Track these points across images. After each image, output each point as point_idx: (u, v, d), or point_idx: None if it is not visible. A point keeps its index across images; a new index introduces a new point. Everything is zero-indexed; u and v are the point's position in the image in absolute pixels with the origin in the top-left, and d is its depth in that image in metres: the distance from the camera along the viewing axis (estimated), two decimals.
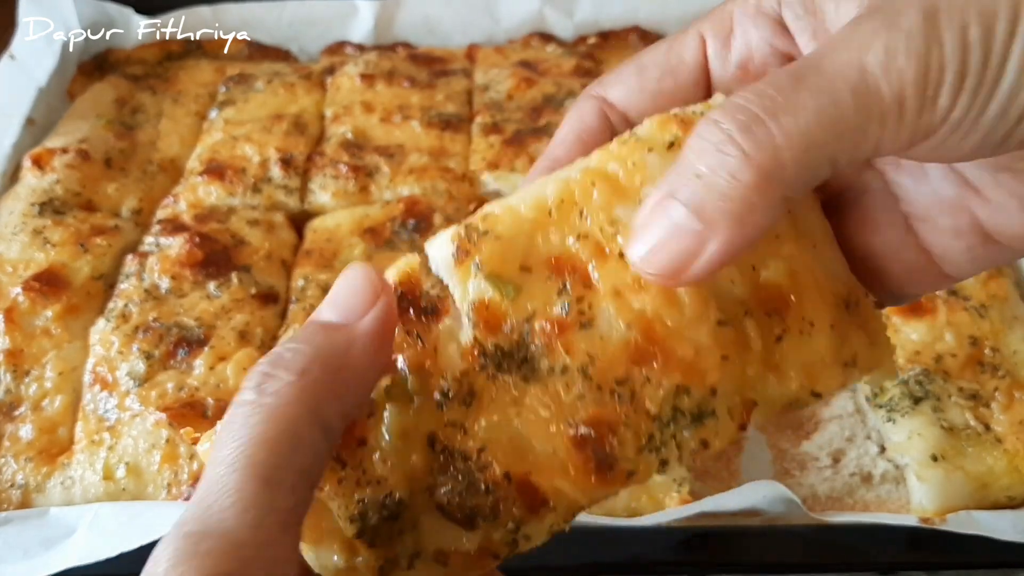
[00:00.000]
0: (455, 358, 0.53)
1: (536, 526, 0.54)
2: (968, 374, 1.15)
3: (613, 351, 0.53)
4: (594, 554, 0.99)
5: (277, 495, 0.44)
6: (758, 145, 0.46)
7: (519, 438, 0.53)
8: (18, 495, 1.09)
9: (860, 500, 1.12)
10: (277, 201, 1.46)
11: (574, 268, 0.54)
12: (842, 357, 0.56)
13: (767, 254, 0.55)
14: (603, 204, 0.54)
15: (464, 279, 0.54)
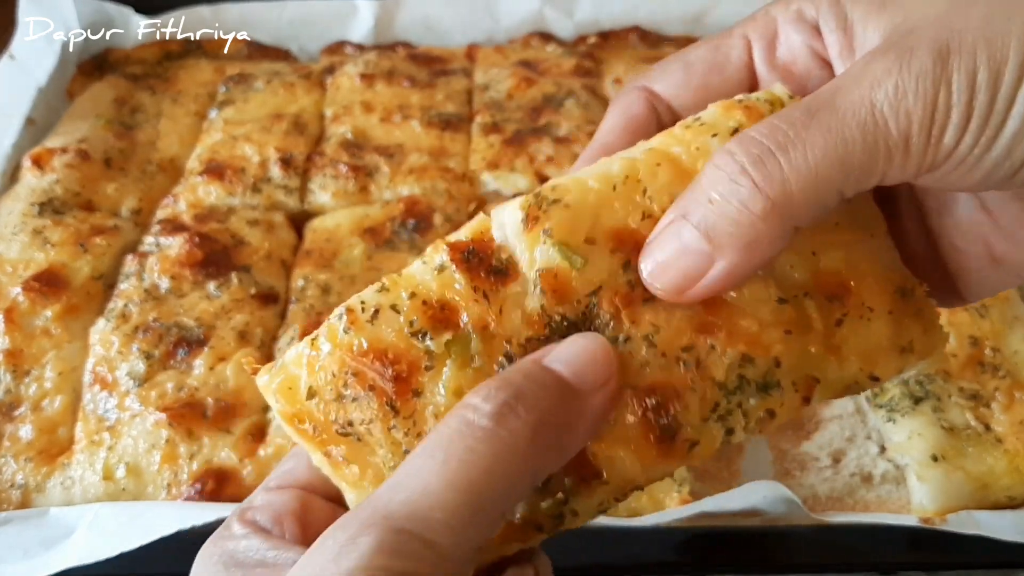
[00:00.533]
0: (519, 324, 0.54)
1: (586, 500, 0.54)
2: (968, 374, 1.15)
3: (677, 323, 0.54)
4: (594, 554, 0.99)
5: (480, 529, 0.46)
6: (768, 178, 0.49)
7: None
8: (18, 495, 1.09)
9: (860, 500, 1.12)
10: (277, 201, 1.46)
11: (636, 245, 0.55)
12: (899, 343, 0.58)
13: (827, 242, 0.58)
14: (666, 184, 0.56)
15: (533, 245, 0.55)
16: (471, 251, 0.56)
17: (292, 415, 0.56)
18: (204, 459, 1.09)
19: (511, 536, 0.54)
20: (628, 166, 0.57)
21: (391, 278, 0.57)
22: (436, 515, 0.45)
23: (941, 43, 0.49)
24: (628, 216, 0.56)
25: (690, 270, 0.52)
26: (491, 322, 0.55)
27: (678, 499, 1.05)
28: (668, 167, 0.57)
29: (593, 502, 0.54)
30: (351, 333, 0.55)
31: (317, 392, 0.55)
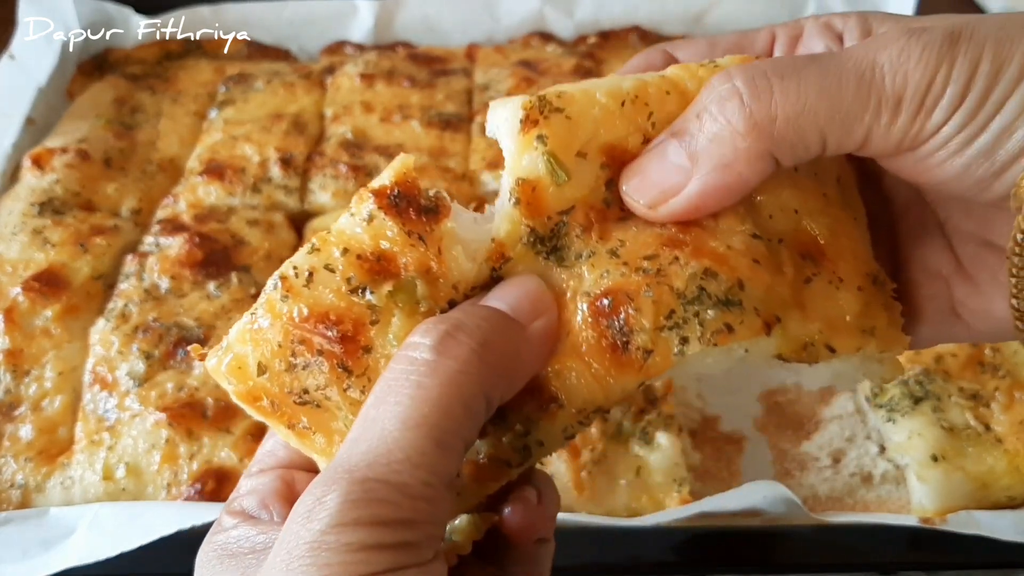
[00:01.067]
0: (462, 260, 0.53)
1: (548, 428, 0.53)
2: (968, 374, 1.15)
3: (645, 239, 0.54)
4: (594, 555, 0.99)
5: (446, 459, 0.45)
6: (757, 97, 0.51)
7: None
8: (18, 495, 1.09)
9: (860, 500, 1.12)
10: (277, 201, 1.46)
11: (619, 157, 0.55)
12: (863, 323, 0.57)
13: (812, 209, 0.58)
14: (672, 113, 0.56)
15: (522, 150, 0.54)
16: (397, 194, 0.54)
17: (247, 394, 0.55)
18: (204, 459, 1.09)
19: (483, 476, 0.53)
20: (639, 87, 0.57)
21: (320, 237, 0.55)
22: (397, 456, 0.44)
23: (954, 29, 0.50)
24: (628, 136, 0.56)
25: (667, 185, 0.53)
26: (433, 264, 0.53)
27: (678, 499, 1.05)
28: (677, 97, 0.57)
29: (556, 429, 0.53)
30: (289, 300, 0.54)
31: (267, 366, 0.54)
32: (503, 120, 0.56)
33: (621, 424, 1.12)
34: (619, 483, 1.07)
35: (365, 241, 0.54)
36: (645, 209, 0.54)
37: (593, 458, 1.08)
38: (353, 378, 0.53)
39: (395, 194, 0.54)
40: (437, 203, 0.54)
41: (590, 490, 1.06)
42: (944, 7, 1.90)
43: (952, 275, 0.62)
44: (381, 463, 0.44)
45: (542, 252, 0.54)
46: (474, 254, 0.54)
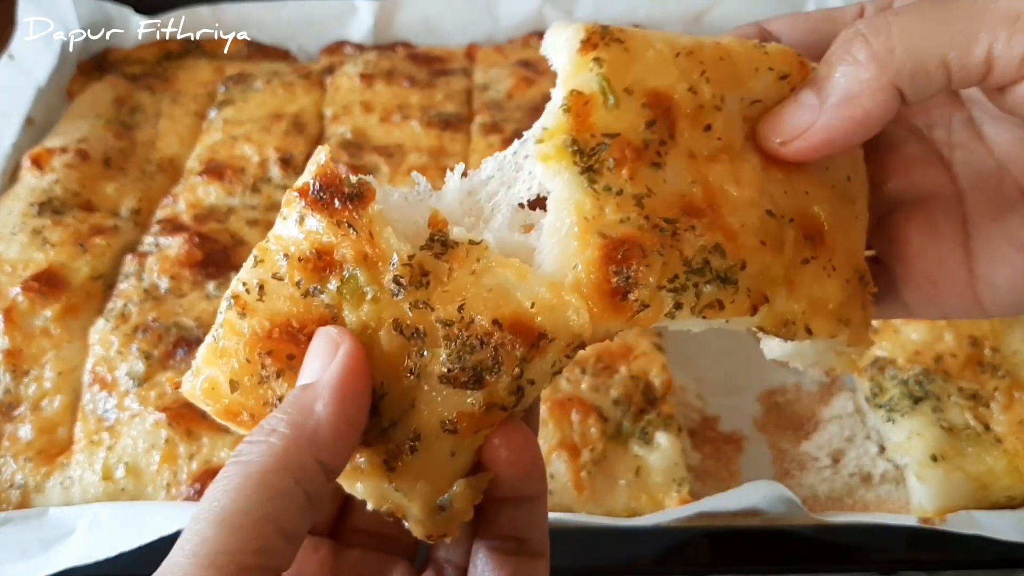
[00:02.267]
0: (394, 241, 0.54)
1: (539, 365, 0.54)
2: (968, 374, 1.15)
3: (670, 194, 0.56)
4: (594, 555, 0.99)
5: (236, 537, 0.46)
6: (875, 32, 0.54)
7: (497, 285, 0.53)
8: (17, 495, 1.09)
9: (860, 500, 1.12)
10: (276, 201, 1.46)
11: (668, 112, 0.57)
12: (842, 313, 0.60)
13: (821, 196, 0.60)
14: (719, 78, 0.59)
15: (578, 69, 0.56)
16: (319, 188, 0.55)
17: (225, 411, 0.56)
18: (203, 459, 1.09)
19: (479, 424, 0.54)
20: (696, 44, 0.59)
21: (260, 247, 0.56)
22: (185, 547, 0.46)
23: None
24: (676, 83, 0.58)
25: (798, 123, 0.57)
26: (367, 249, 0.54)
27: (678, 499, 1.05)
28: (727, 67, 0.59)
29: (546, 364, 0.54)
30: (247, 317, 0.55)
31: (238, 382, 0.55)
32: (563, 39, 0.58)
33: (621, 424, 1.12)
34: (619, 483, 1.07)
35: (302, 242, 0.55)
36: (777, 146, 0.58)
37: (593, 458, 1.08)
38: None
39: (317, 189, 0.55)
40: (361, 189, 0.55)
41: (590, 490, 1.06)
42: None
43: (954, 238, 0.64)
44: (171, 562, 0.46)
45: (579, 165, 0.55)
46: (408, 230, 0.55)
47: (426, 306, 0.53)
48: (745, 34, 0.66)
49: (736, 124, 0.59)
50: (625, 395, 1.14)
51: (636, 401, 1.13)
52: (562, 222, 0.54)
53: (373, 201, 0.54)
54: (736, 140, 0.59)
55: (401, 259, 0.54)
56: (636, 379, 1.15)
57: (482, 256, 0.54)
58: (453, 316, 0.53)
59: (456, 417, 0.53)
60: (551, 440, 1.08)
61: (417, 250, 0.54)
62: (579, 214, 0.54)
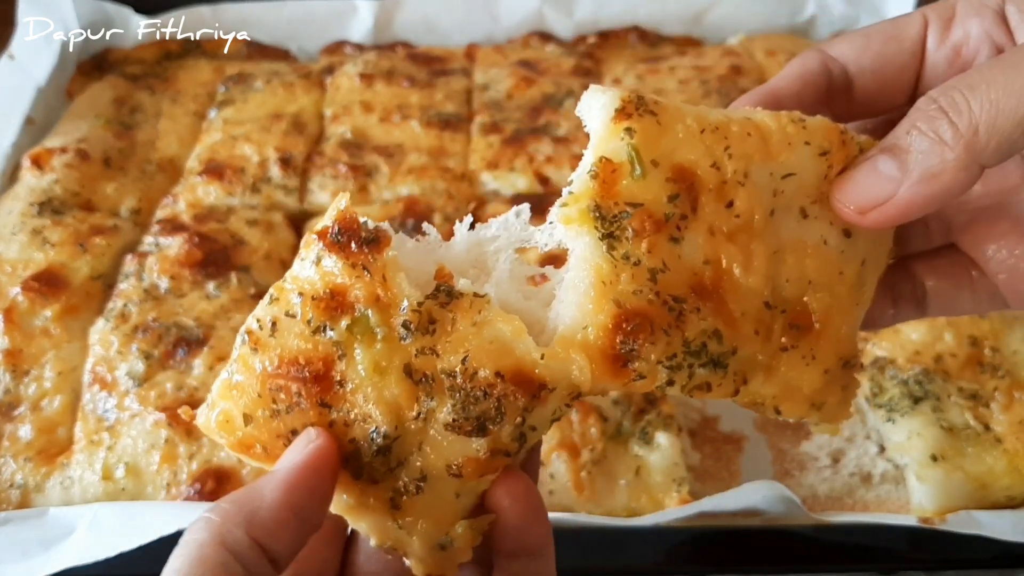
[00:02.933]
0: (405, 286, 0.56)
1: (540, 413, 0.56)
2: (968, 374, 1.15)
3: (684, 270, 0.58)
4: (594, 555, 0.99)
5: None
6: (958, 112, 0.54)
7: (497, 338, 0.56)
8: (17, 495, 1.09)
9: (860, 500, 1.12)
10: (276, 201, 1.46)
11: (691, 188, 0.58)
12: (816, 399, 0.63)
13: (826, 284, 0.62)
14: (747, 153, 0.59)
15: (611, 135, 0.58)
16: (338, 231, 0.57)
17: (239, 444, 0.59)
18: (203, 459, 1.09)
19: (484, 469, 0.56)
20: (723, 122, 0.60)
21: (277, 286, 0.58)
22: None
23: None
24: (700, 160, 0.59)
25: (877, 193, 0.58)
26: (380, 292, 0.56)
27: (677, 499, 1.05)
28: (757, 141, 0.60)
29: (547, 412, 0.57)
30: (259, 353, 0.57)
31: (251, 416, 0.58)
32: (600, 105, 0.59)
33: (621, 424, 1.12)
34: (619, 483, 1.07)
35: (317, 282, 0.57)
36: (855, 215, 0.59)
37: (593, 458, 1.08)
38: (335, 411, 0.56)
39: (336, 232, 0.57)
40: (377, 235, 0.57)
41: (590, 490, 1.06)
42: None
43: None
44: None
45: (600, 231, 0.57)
46: (419, 277, 0.57)
47: (432, 352, 0.56)
48: (807, 58, 0.66)
49: (762, 199, 0.60)
50: (625, 395, 1.14)
51: (636, 401, 1.13)
52: (581, 281, 0.57)
53: (389, 247, 0.57)
54: (760, 216, 0.60)
55: (411, 305, 0.56)
56: None
57: (483, 308, 0.56)
58: (457, 367, 0.55)
59: (462, 462, 0.56)
60: (551, 440, 1.08)
61: (425, 298, 0.56)
62: (597, 277, 0.56)
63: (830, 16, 1.88)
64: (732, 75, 1.68)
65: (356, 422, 0.56)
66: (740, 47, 1.80)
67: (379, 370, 0.56)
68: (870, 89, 0.66)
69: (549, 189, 1.46)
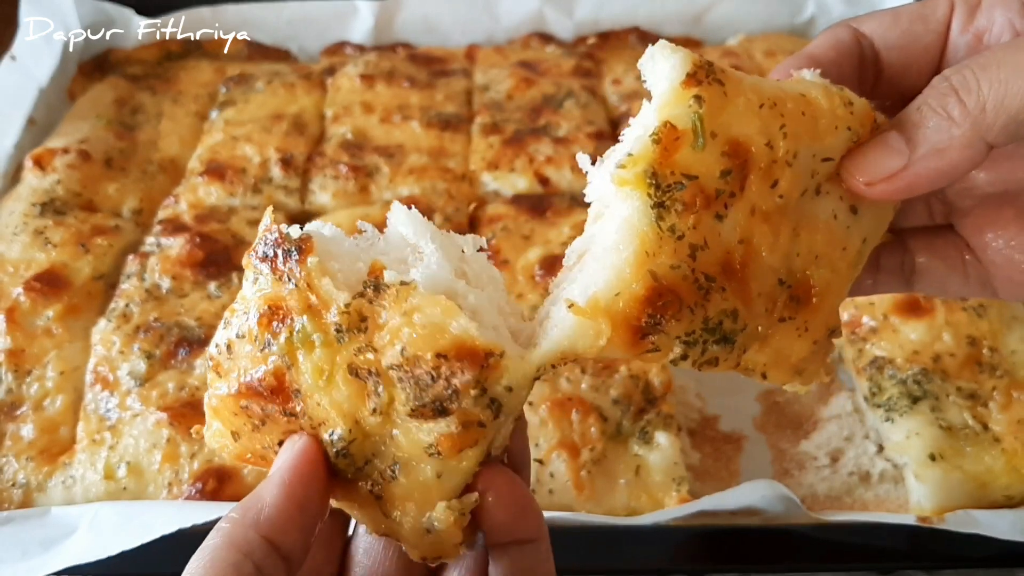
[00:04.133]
0: (331, 289, 0.57)
1: (499, 377, 0.55)
2: (966, 374, 1.15)
3: (719, 249, 0.57)
4: (594, 554, 0.99)
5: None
6: (968, 91, 0.56)
7: (429, 322, 0.55)
8: (19, 494, 1.10)
9: (859, 499, 1.12)
10: (277, 201, 1.46)
11: (743, 165, 0.58)
12: (800, 366, 0.63)
13: (828, 260, 0.62)
14: (797, 133, 0.59)
15: (677, 101, 0.56)
16: (264, 247, 0.58)
17: (237, 456, 0.62)
18: (205, 458, 1.09)
19: (462, 444, 0.56)
20: (781, 95, 0.59)
21: (229, 309, 0.60)
22: None
23: None
24: (755, 136, 0.58)
25: (885, 166, 0.59)
26: (311, 298, 0.57)
27: (677, 498, 1.05)
28: (809, 122, 0.60)
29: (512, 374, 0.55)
30: (223, 377, 0.60)
31: (238, 432, 0.60)
32: (670, 65, 0.57)
33: (621, 424, 1.12)
34: (619, 483, 1.07)
35: (257, 299, 0.59)
36: (863, 187, 0.60)
37: (593, 458, 1.08)
38: (299, 420, 0.58)
39: (263, 247, 0.59)
40: (301, 243, 0.58)
41: (590, 489, 1.06)
42: None
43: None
44: None
45: (652, 198, 0.55)
46: (353, 276, 0.58)
47: (371, 349, 0.56)
48: (839, 37, 0.67)
49: (801, 180, 0.60)
50: (625, 395, 1.14)
51: (636, 401, 1.14)
52: (623, 247, 0.55)
53: (312, 254, 0.57)
54: (795, 198, 0.60)
55: (338, 307, 0.56)
56: (636, 379, 1.15)
57: (411, 295, 0.56)
58: (399, 358, 0.55)
59: (437, 440, 0.56)
60: (551, 440, 1.09)
61: (352, 297, 0.56)
62: (641, 246, 0.55)
63: (829, 17, 1.88)
64: None
65: (320, 427, 0.57)
66: (739, 48, 1.81)
67: (322, 375, 0.56)
68: (896, 66, 0.66)
69: (549, 189, 1.47)
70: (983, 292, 0.69)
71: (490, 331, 0.56)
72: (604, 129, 1.58)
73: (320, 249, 0.57)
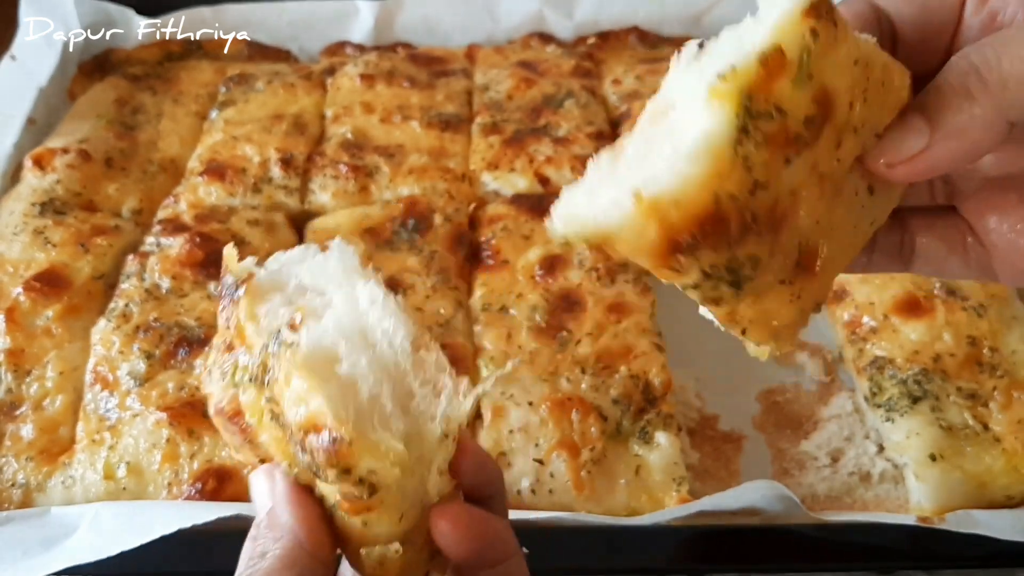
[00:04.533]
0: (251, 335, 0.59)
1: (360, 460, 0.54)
2: (967, 374, 1.15)
3: (775, 194, 0.55)
4: (593, 554, 0.99)
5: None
6: (988, 68, 0.56)
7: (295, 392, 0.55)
8: (19, 494, 1.09)
9: (859, 499, 1.12)
10: (277, 201, 1.46)
11: (825, 117, 0.55)
12: (779, 330, 0.62)
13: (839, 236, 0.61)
14: (875, 103, 0.58)
15: (794, 28, 0.53)
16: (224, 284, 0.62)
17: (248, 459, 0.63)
18: (205, 458, 1.09)
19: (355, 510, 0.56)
20: (873, 56, 0.57)
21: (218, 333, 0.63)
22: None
23: None
24: (843, 92, 0.55)
25: (905, 147, 0.58)
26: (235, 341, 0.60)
27: (677, 498, 1.05)
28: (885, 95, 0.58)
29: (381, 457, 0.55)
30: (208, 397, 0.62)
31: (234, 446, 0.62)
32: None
33: (620, 424, 1.12)
34: (618, 482, 1.07)
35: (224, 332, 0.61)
36: (884, 168, 0.59)
37: (592, 457, 1.08)
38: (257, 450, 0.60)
39: (222, 284, 0.62)
40: (240, 283, 0.61)
41: (589, 489, 1.06)
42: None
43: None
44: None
45: (741, 118, 0.52)
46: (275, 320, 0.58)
47: (273, 402, 0.56)
48: (856, 8, 0.64)
49: (856, 150, 0.59)
50: (625, 394, 1.14)
51: (636, 400, 1.14)
52: (699, 159, 0.52)
53: (247, 295, 0.60)
54: (846, 166, 0.59)
55: (252, 355, 0.58)
56: (636, 378, 1.15)
57: (293, 358, 0.55)
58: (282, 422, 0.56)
59: (337, 501, 0.56)
60: (551, 440, 1.09)
61: (262, 347, 0.57)
62: (715, 165, 0.52)
63: None
64: None
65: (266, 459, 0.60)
66: None
67: (255, 414, 0.58)
68: (911, 43, 0.64)
69: (549, 189, 1.47)
70: (983, 276, 0.68)
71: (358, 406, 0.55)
72: (604, 129, 1.58)
73: (255, 290, 0.59)
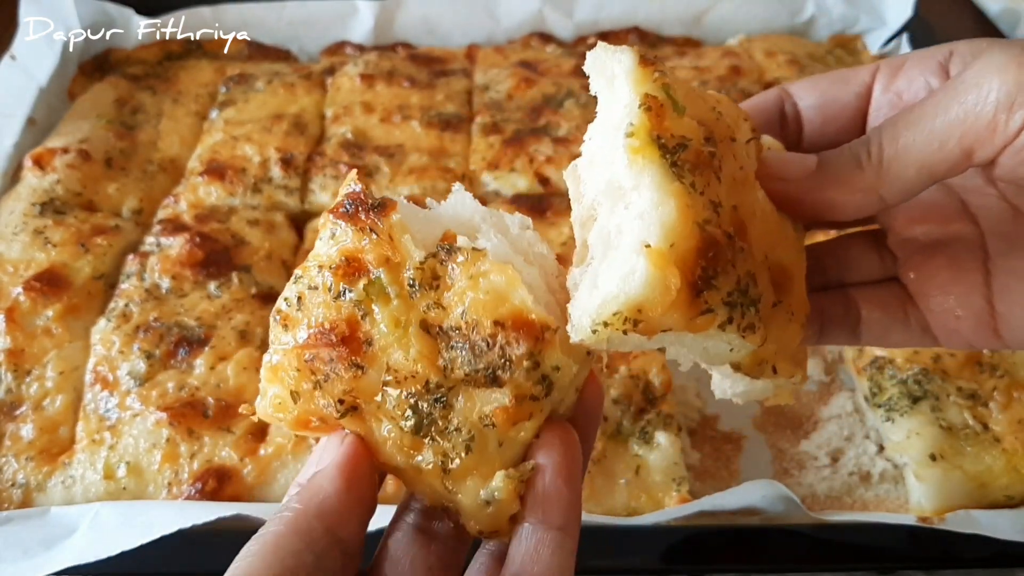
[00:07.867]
0: (410, 247, 0.59)
1: (554, 353, 0.57)
2: (967, 374, 1.15)
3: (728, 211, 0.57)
4: (593, 554, 0.99)
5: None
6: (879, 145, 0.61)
7: (492, 288, 0.57)
8: (19, 494, 1.09)
9: (859, 499, 1.12)
10: (277, 201, 1.46)
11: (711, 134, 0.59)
12: (797, 355, 0.64)
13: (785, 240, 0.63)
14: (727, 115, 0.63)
15: (643, 79, 0.58)
16: (348, 204, 0.60)
17: (296, 421, 0.60)
18: (205, 458, 1.09)
19: (516, 417, 0.57)
20: (689, 80, 0.60)
21: (301, 267, 0.61)
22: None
23: None
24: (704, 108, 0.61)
25: (791, 168, 0.65)
26: (389, 253, 0.59)
27: (677, 498, 1.05)
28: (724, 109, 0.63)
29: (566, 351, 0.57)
30: (290, 329, 0.60)
31: (298, 392, 0.60)
32: (616, 60, 0.59)
33: (620, 424, 1.12)
34: (618, 482, 1.07)
35: (333, 253, 0.60)
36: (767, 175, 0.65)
37: (593, 457, 1.08)
38: (367, 372, 0.58)
39: (346, 204, 0.60)
40: (383, 202, 0.60)
41: (590, 489, 1.06)
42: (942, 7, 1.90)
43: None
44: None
45: (674, 163, 0.55)
46: (426, 240, 0.60)
47: (439, 307, 0.58)
48: (772, 98, 0.73)
49: (743, 158, 0.62)
50: (625, 394, 1.14)
51: (636, 400, 1.14)
52: (663, 202, 0.54)
53: (394, 211, 0.59)
54: (748, 174, 0.61)
55: (414, 263, 0.58)
56: (636, 378, 1.15)
57: (479, 261, 0.58)
58: (459, 321, 0.57)
59: (491, 412, 0.57)
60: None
61: (428, 256, 0.59)
62: (680, 200, 0.54)
63: (829, 17, 1.89)
64: (732, 75, 1.69)
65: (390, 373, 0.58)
66: (740, 48, 1.81)
67: (399, 325, 0.58)
68: (815, 122, 0.72)
69: (549, 189, 1.47)
70: (924, 340, 0.72)
71: (542, 308, 0.57)
72: None
73: (401, 210, 0.60)
